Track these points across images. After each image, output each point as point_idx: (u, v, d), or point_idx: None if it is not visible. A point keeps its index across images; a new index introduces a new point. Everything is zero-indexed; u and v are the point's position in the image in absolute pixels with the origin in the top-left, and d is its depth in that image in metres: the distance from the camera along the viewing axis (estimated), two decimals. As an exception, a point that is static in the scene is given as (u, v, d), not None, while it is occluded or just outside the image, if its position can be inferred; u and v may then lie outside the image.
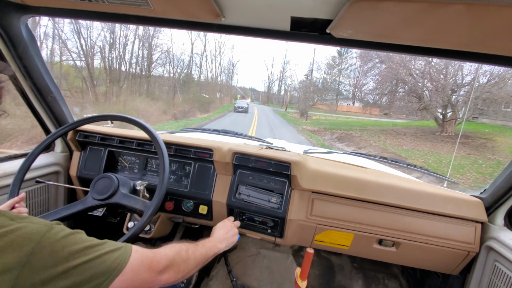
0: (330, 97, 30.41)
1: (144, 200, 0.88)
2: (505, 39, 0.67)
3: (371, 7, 0.61)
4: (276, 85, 60.35)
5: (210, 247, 0.84)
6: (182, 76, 27.86)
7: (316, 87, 32.30)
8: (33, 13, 0.96)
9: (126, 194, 0.91)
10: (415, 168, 1.41)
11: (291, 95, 40.83)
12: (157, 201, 0.84)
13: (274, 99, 60.41)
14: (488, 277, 1.05)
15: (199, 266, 0.77)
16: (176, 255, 0.67)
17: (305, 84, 30.59)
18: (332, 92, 37.05)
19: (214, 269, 1.63)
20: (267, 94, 61.70)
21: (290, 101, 38.33)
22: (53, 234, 0.46)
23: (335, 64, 37.55)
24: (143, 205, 0.86)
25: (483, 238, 1.09)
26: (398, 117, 27.11)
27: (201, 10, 0.78)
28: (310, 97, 26.01)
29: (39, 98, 1.17)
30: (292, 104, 36.87)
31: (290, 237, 1.20)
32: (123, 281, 0.51)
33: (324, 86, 33.70)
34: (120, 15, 0.90)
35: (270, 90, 61.75)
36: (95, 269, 0.47)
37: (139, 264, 0.56)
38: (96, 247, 0.50)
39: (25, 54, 1.03)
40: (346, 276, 1.66)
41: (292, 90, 43.25)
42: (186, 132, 1.88)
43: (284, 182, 1.17)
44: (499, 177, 1.06)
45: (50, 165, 1.28)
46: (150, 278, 0.58)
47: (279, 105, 50.61)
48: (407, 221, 1.11)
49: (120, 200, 0.89)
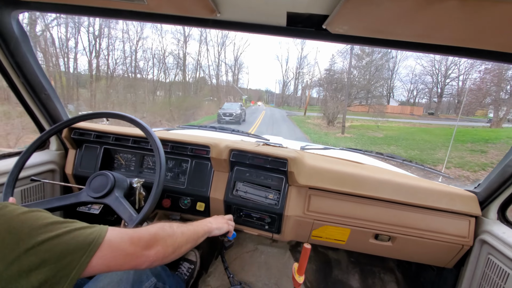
0: (362, 95, 21.17)
1: (131, 212, 0.85)
2: (499, 35, 0.67)
3: (367, 2, 0.60)
4: (292, 84, 52.85)
5: (198, 225, 0.83)
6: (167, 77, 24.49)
7: (352, 82, 20.64)
8: (24, 8, 0.94)
9: (118, 198, 0.89)
10: (410, 164, 1.42)
11: (310, 95, 34.03)
12: (142, 216, 0.81)
13: (291, 101, 53.21)
14: (482, 270, 1.07)
15: (191, 242, 0.75)
16: (159, 230, 0.65)
17: (332, 78, 21.76)
18: (374, 90, 23.00)
19: (212, 265, 1.64)
20: (281, 95, 54.99)
21: (310, 102, 32.71)
22: (8, 212, 0.43)
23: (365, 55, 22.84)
24: (129, 217, 0.83)
25: (477, 231, 1.11)
26: (447, 117, 23.27)
27: (195, 6, 0.77)
28: (338, 97, 18.16)
29: (33, 96, 1.15)
30: (314, 106, 31.90)
31: (287, 233, 1.21)
32: (102, 257, 0.48)
33: (363, 82, 21.72)
34: (112, 10, 0.88)
35: (285, 91, 54.50)
36: (64, 245, 0.44)
37: (119, 240, 0.53)
38: (64, 224, 0.47)
39: (17, 51, 1.01)
40: (343, 271, 1.68)
41: (312, 86, 34.01)
42: (182, 129, 1.87)
43: (281, 179, 1.18)
44: (493, 172, 1.07)
45: (45, 163, 1.26)
46: (136, 254, 0.55)
47: (296, 108, 44.11)
48: (402, 216, 1.13)
49: (111, 203, 0.88)
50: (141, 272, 0.85)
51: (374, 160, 1.73)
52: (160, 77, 24.29)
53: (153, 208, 0.87)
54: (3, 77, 1.07)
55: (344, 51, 22.80)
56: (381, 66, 23.94)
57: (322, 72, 30.32)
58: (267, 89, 71.42)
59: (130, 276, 0.81)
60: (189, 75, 28.65)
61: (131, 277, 0.81)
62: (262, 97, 63.71)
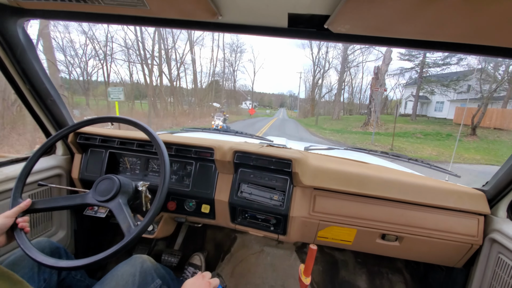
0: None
1: (130, 223, 0.83)
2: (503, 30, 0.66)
3: (368, 1, 0.60)
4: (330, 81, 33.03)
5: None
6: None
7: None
8: (30, 16, 0.96)
9: (121, 204, 0.88)
10: (416, 163, 1.40)
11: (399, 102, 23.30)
12: (140, 229, 0.79)
13: (324, 107, 35.10)
14: (492, 269, 1.05)
15: None
16: None
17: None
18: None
19: (218, 267, 1.64)
20: (310, 100, 36.84)
21: (360, 110, 21.56)
22: None
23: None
24: (127, 228, 0.81)
25: (486, 230, 1.09)
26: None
27: (197, 9, 0.77)
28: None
29: (39, 102, 1.17)
30: (404, 118, 18.99)
31: (293, 234, 1.20)
32: None
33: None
34: (116, 16, 0.90)
35: (316, 93, 35.53)
36: None
37: None
38: None
39: (23, 58, 1.03)
40: (350, 272, 1.66)
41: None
42: (186, 132, 1.88)
43: (286, 179, 1.17)
44: (501, 169, 1.06)
45: (52, 168, 1.28)
46: None
47: (349, 121, 21.69)
48: (409, 215, 1.11)
49: (113, 209, 0.88)
50: (146, 274, 0.86)
51: (379, 159, 1.71)
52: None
53: (158, 212, 0.87)
54: (10, 83, 1.09)
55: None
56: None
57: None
58: (290, 93, 59.83)
59: (136, 279, 0.82)
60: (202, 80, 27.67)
61: (136, 279, 0.82)
62: (284, 102, 56.35)
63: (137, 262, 0.88)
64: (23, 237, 0.78)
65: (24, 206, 0.83)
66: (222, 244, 1.80)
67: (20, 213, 0.82)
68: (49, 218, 1.31)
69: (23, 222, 0.81)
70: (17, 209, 0.81)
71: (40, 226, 1.26)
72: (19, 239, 0.78)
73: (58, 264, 0.73)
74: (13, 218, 0.80)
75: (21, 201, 0.85)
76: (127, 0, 0.74)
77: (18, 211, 0.81)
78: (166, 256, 1.55)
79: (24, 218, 0.83)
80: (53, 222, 1.34)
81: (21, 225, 0.80)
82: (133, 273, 0.83)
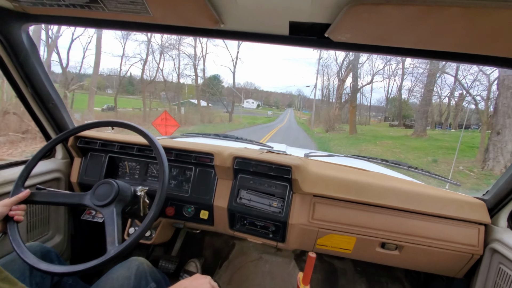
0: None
1: (115, 238, 0.81)
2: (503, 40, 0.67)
3: (369, 11, 0.61)
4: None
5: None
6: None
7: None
8: (34, 21, 0.97)
9: (113, 213, 0.87)
10: (416, 171, 1.40)
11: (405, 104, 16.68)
12: (123, 247, 0.76)
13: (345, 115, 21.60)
14: (493, 279, 1.04)
15: None
16: None
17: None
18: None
19: (216, 274, 1.62)
20: (337, 99, 20.76)
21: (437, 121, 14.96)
22: None
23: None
24: (111, 242, 0.79)
25: (487, 240, 1.08)
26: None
27: (199, 17, 0.78)
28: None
29: (40, 105, 1.17)
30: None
31: (292, 241, 1.19)
32: None
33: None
34: (120, 22, 0.91)
35: (325, 92, 26.15)
36: None
37: None
38: None
39: (26, 62, 1.04)
40: (349, 280, 1.64)
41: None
42: (186, 137, 1.89)
43: (285, 186, 1.17)
44: (502, 178, 1.05)
45: (51, 171, 1.28)
46: None
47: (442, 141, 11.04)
48: (409, 224, 1.10)
49: (105, 217, 0.87)
50: (141, 277, 0.85)
51: (379, 167, 1.71)
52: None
53: (156, 217, 0.86)
54: (12, 86, 1.10)
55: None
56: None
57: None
58: (299, 92, 50.29)
59: (131, 282, 0.82)
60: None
61: (131, 282, 0.82)
62: (293, 102, 47.83)
63: (133, 265, 0.88)
64: (14, 229, 0.78)
65: (22, 196, 0.83)
66: (220, 250, 1.78)
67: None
68: (46, 222, 1.29)
69: (17, 210, 0.81)
70: (15, 199, 0.81)
71: (37, 230, 1.24)
72: (10, 230, 0.78)
73: (38, 266, 0.73)
74: (10, 207, 0.80)
75: (23, 191, 0.85)
76: (130, 7, 0.75)
77: (16, 200, 0.81)
78: (164, 262, 1.53)
79: (19, 207, 0.82)
80: (50, 227, 1.32)
81: (13, 213, 0.80)
82: (128, 276, 0.83)
